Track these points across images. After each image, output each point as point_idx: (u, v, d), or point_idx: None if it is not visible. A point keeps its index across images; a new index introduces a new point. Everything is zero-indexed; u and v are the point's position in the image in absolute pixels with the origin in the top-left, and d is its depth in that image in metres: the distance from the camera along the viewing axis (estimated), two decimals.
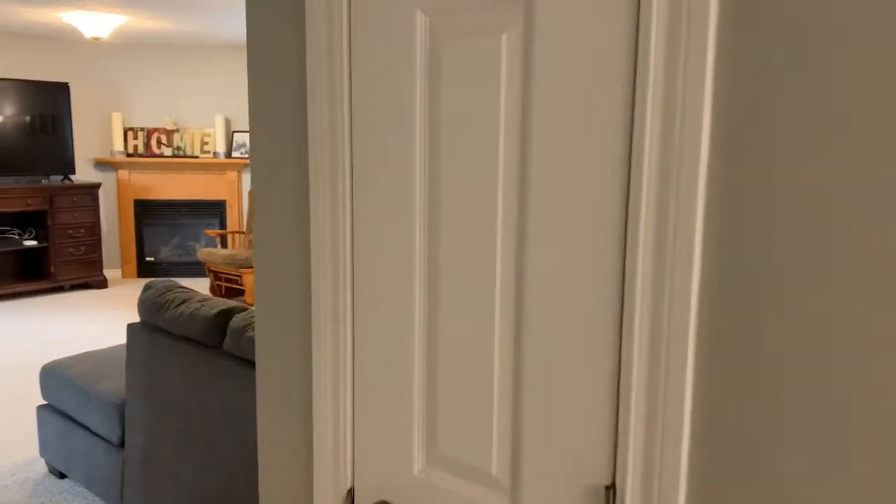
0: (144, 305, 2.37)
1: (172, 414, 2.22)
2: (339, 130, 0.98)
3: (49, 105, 5.97)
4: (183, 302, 2.28)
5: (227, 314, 2.14)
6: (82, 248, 6.06)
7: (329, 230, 1.01)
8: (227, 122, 6.72)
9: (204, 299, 2.29)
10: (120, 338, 4.73)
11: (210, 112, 6.70)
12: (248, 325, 2.03)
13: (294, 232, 1.09)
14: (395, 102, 0.92)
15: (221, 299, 2.29)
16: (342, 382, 1.05)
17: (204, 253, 5.82)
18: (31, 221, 5.94)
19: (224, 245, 6.36)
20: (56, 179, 6.11)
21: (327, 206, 1.01)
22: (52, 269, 5.89)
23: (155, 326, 2.34)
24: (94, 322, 5.14)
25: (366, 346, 1.01)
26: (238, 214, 6.79)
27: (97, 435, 2.61)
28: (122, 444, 2.50)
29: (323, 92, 0.99)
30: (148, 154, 6.63)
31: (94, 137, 6.53)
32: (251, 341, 1.97)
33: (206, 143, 6.70)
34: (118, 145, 6.52)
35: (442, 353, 0.93)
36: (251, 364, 1.98)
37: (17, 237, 5.78)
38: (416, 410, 0.97)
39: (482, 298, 0.87)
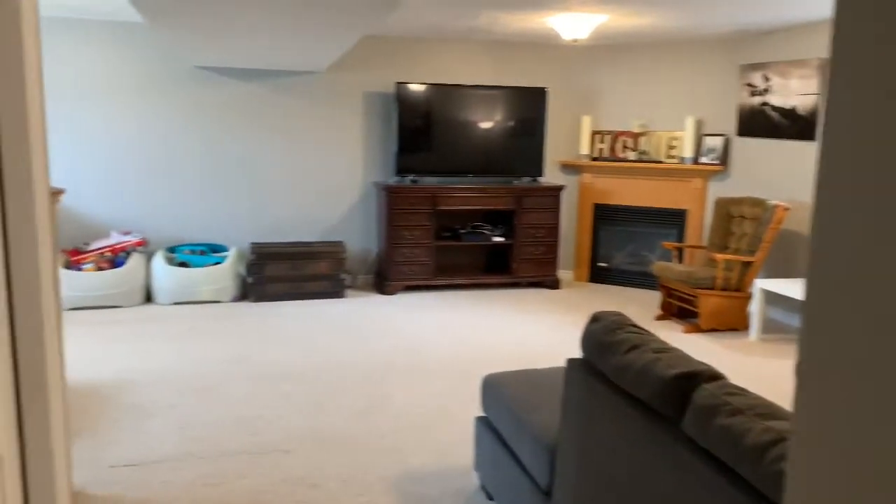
0: (588, 341, 1.97)
1: (606, 487, 1.77)
2: None
3: (528, 110, 6.25)
4: (634, 348, 1.80)
5: (690, 380, 1.58)
6: (541, 247, 6.22)
7: None
8: (698, 125, 6.11)
9: (661, 349, 1.77)
10: (561, 346, 4.60)
11: (680, 114, 6.18)
12: (721, 406, 1.43)
13: None
14: None
15: (683, 354, 1.74)
16: None
17: (659, 267, 5.35)
18: (500, 219, 6.34)
19: (680, 259, 5.80)
20: (525, 181, 6.40)
21: None
22: (514, 265, 6.19)
23: (597, 370, 1.93)
24: (542, 322, 5.16)
25: None
26: (699, 227, 6.14)
27: (526, 471, 2.35)
28: (549, 493, 2.18)
29: None
30: (612, 158, 6.47)
31: (563, 141, 6.65)
32: (724, 432, 1.38)
33: (673, 148, 6.22)
34: (584, 148, 6.52)
35: None
36: (720, 464, 1.39)
37: (488, 233, 6.22)
38: None
39: None
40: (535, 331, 4.98)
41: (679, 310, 5.39)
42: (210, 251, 5.85)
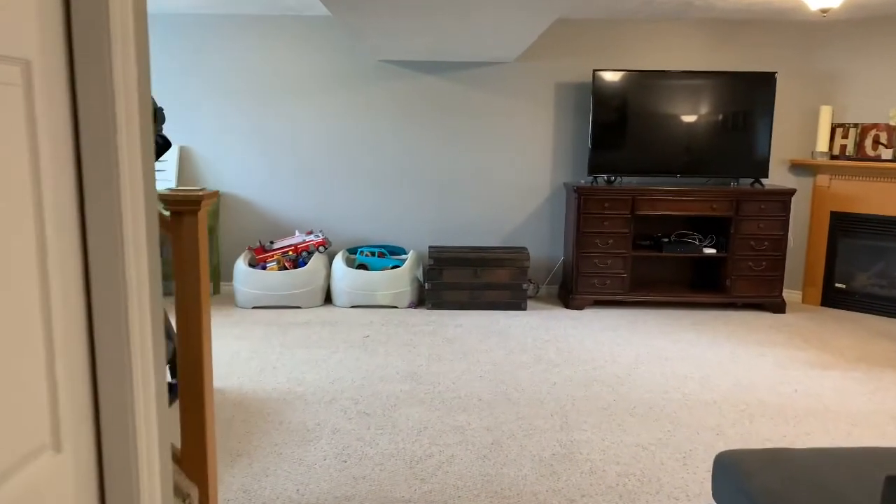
0: None
1: None
2: None
3: (747, 100, 5.28)
4: None
5: None
6: (762, 263, 5.23)
7: None
8: None
9: None
10: (795, 394, 3.68)
11: None
12: None
13: None
14: None
15: None
16: None
17: None
18: (712, 228, 5.44)
19: None
20: (745, 183, 5.44)
21: None
22: (728, 282, 5.26)
23: None
24: (766, 356, 4.24)
25: None
26: None
27: None
28: None
29: None
30: (858, 157, 5.29)
31: (793, 136, 5.58)
32: None
33: None
34: (822, 146, 5.40)
35: None
36: None
37: (696, 243, 5.35)
38: None
39: None
40: (758, 368, 4.08)
41: None
42: (388, 253, 5.59)
